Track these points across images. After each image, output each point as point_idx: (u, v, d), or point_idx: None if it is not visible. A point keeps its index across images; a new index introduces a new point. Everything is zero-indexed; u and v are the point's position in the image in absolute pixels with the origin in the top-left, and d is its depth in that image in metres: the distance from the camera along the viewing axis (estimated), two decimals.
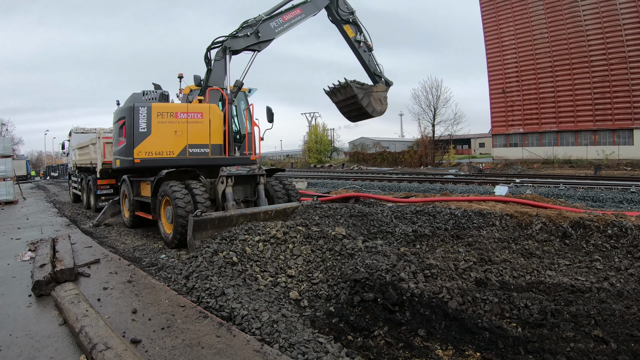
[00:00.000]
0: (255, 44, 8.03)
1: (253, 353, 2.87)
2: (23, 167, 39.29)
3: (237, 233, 5.57)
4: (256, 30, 7.93)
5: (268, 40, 8.08)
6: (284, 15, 8.25)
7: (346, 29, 9.18)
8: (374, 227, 6.69)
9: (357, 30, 9.25)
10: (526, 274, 4.63)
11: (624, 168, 28.23)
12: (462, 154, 55.53)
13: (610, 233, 5.52)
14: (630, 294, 3.87)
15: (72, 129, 15.52)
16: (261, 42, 8.05)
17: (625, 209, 10.37)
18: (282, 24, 8.18)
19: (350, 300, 4.06)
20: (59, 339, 3.22)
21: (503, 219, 6.76)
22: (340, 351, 3.04)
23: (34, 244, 6.59)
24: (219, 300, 3.86)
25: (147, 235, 8.10)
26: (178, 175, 7.11)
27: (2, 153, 14.38)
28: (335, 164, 51.79)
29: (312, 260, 5.08)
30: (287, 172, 28.65)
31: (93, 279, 4.76)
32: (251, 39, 7.96)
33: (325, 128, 59.48)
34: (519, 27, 37.30)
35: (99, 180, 11.40)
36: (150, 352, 2.93)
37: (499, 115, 39.71)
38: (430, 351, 3.18)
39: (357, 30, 9.26)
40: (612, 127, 33.13)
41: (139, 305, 3.81)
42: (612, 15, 31.97)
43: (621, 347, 2.98)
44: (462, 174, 25.84)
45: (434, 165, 38.90)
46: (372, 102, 9.27)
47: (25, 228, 8.83)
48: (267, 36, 8.05)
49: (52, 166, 51.70)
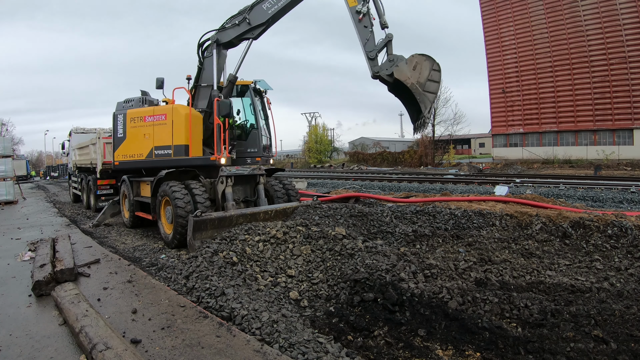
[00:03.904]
0: (247, 31, 7.32)
1: (253, 353, 2.87)
2: (23, 167, 39.31)
3: (237, 233, 5.57)
4: (244, 17, 7.24)
5: (261, 24, 7.24)
6: None
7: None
8: (374, 227, 6.69)
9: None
10: (526, 274, 4.63)
11: (624, 168, 28.23)
12: (462, 154, 55.52)
13: (610, 233, 5.52)
14: (630, 294, 3.88)
15: (72, 129, 15.52)
16: (253, 28, 7.27)
17: (625, 209, 10.36)
18: (275, 2, 7.14)
19: (350, 300, 4.06)
20: (59, 339, 3.22)
21: (503, 219, 6.76)
22: (340, 351, 3.03)
23: (34, 244, 6.59)
24: (219, 300, 3.86)
25: (147, 235, 8.10)
26: (178, 175, 7.11)
27: (2, 153, 14.38)
28: (335, 164, 51.77)
29: (312, 260, 5.08)
30: (287, 172, 28.65)
31: (93, 279, 4.76)
32: (241, 27, 7.32)
33: (325, 128, 59.52)
34: (519, 27, 37.30)
35: (99, 180, 11.41)
36: (150, 352, 2.93)
37: (499, 115, 39.70)
38: (430, 351, 3.18)
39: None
40: (612, 127, 33.13)
41: (139, 305, 3.81)
42: (612, 15, 31.97)
43: (621, 347, 2.98)
44: (462, 174, 25.82)
45: (434, 165, 38.89)
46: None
47: (25, 228, 8.82)
48: (259, 20, 7.21)
49: (52, 166, 51.67)
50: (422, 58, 6.40)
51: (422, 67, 6.38)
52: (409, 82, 6.35)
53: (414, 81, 6.35)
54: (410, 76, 6.37)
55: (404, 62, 6.40)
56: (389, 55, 6.53)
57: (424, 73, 6.39)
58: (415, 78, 6.37)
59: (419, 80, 6.37)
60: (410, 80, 6.35)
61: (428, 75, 6.40)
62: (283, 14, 7.32)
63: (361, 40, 6.69)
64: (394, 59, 6.46)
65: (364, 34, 6.70)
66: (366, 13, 6.66)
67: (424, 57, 6.40)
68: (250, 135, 8.12)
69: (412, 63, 6.38)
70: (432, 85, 6.40)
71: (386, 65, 6.51)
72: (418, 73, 6.39)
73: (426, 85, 6.38)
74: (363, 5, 6.69)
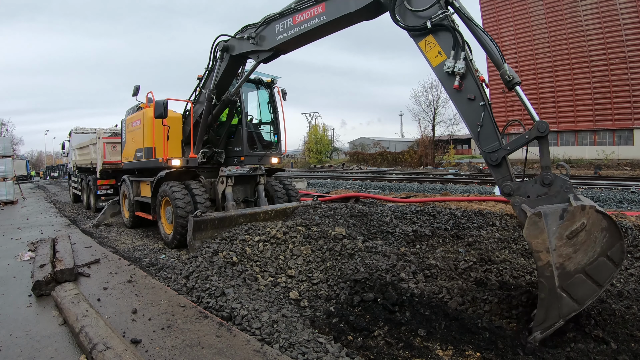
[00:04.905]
0: (253, 52, 6.00)
1: (253, 353, 2.87)
2: (23, 167, 39.33)
3: (237, 233, 5.57)
4: (258, 33, 5.80)
5: (267, 50, 5.79)
6: (296, 16, 5.24)
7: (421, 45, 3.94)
8: (374, 227, 6.69)
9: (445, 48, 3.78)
10: (526, 274, 4.62)
11: (624, 168, 28.24)
12: (462, 154, 55.47)
13: None
14: (630, 294, 3.87)
15: (72, 129, 15.52)
16: (260, 51, 5.88)
17: (625, 209, 10.36)
18: (289, 28, 5.35)
19: (350, 300, 4.06)
20: (59, 339, 3.22)
21: (503, 219, 6.76)
22: (340, 351, 3.03)
23: (34, 244, 6.60)
24: (219, 300, 3.86)
25: (147, 235, 8.10)
26: (178, 175, 7.11)
27: (2, 153, 14.38)
28: (335, 164, 51.77)
29: (312, 260, 5.08)
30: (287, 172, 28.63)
31: (93, 279, 4.76)
32: (248, 43, 5.96)
33: (325, 128, 59.51)
34: (519, 27, 37.33)
35: (99, 180, 11.43)
36: (150, 352, 2.93)
37: (499, 115, 39.64)
38: (430, 351, 3.18)
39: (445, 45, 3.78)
40: (612, 127, 33.17)
41: (139, 305, 3.81)
42: (612, 15, 32.00)
43: (621, 347, 2.99)
44: (462, 174, 25.82)
45: (434, 165, 38.89)
46: None
47: (25, 228, 8.82)
48: (266, 44, 5.75)
49: (52, 166, 51.68)
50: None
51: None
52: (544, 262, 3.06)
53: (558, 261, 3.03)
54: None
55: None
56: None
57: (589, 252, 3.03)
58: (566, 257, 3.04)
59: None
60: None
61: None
62: (297, 44, 5.67)
63: (468, 124, 3.73)
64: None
65: (471, 113, 3.68)
66: (465, 72, 3.63)
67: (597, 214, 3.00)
68: (238, 133, 7.61)
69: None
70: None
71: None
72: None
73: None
74: (456, 58, 3.64)
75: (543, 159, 3.37)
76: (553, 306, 3.05)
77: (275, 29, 5.55)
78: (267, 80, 8.02)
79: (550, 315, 3.06)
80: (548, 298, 3.06)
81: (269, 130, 8.04)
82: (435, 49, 3.82)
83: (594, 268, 3.01)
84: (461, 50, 3.64)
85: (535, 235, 3.07)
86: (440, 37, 3.78)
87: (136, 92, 7.53)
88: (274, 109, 8.01)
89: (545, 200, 3.26)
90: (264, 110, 8.16)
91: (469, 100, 3.68)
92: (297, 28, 5.24)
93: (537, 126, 3.34)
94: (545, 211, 3.06)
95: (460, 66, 3.61)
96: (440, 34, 3.78)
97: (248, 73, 6.52)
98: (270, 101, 8.04)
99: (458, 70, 3.62)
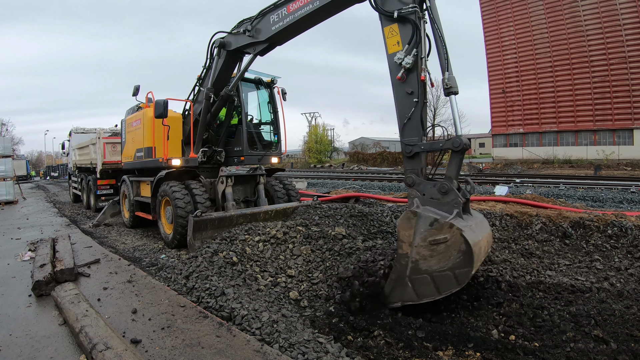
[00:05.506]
0: (250, 44, 6.05)
1: (253, 353, 2.87)
2: (23, 167, 39.32)
3: (237, 233, 5.57)
4: (254, 26, 5.88)
5: (263, 41, 5.85)
6: (290, 4, 5.29)
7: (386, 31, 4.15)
8: (374, 227, 6.69)
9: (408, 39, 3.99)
10: (526, 274, 4.63)
11: (624, 168, 28.23)
12: None
13: (610, 233, 5.52)
14: (630, 294, 3.88)
15: (72, 129, 15.52)
16: (256, 43, 5.97)
17: (625, 209, 10.36)
18: (283, 17, 5.43)
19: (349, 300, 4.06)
20: (59, 339, 3.22)
21: (503, 219, 6.75)
22: (340, 351, 3.04)
23: (34, 244, 6.59)
24: (219, 300, 3.86)
25: (147, 235, 8.10)
26: (178, 175, 7.11)
27: (2, 153, 14.37)
28: (335, 164, 51.76)
29: (312, 260, 5.08)
30: (287, 172, 28.63)
31: (93, 279, 4.76)
32: (244, 37, 6.03)
33: (325, 128, 59.51)
34: (519, 27, 37.30)
35: (99, 180, 11.43)
36: (150, 352, 2.93)
37: (499, 115, 39.71)
38: (430, 351, 3.18)
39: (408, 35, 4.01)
40: (612, 127, 33.15)
41: (139, 305, 3.81)
42: (612, 15, 31.98)
43: (621, 347, 2.98)
44: (462, 174, 25.82)
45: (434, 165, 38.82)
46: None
47: (25, 228, 8.82)
48: (262, 34, 5.81)
49: (52, 166, 51.66)
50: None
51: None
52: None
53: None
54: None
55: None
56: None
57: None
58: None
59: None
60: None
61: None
62: (292, 34, 5.74)
63: (398, 114, 4.10)
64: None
65: (404, 105, 4.01)
66: (412, 67, 3.89)
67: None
68: (238, 133, 7.57)
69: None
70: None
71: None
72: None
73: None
74: (408, 52, 3.89)
75: (449, 169, 3.77)
76: (398, 289, 3.70)
77: (270, 20, 5.66)
78: (267, 80, 8.02)
79: (394, 294, 3.72)
80: (396, 281, 3.70)
81: (269, 130, 8.04)
82: (395, 38, 4.06)
83: (441, 277, 3.44)
84: (415, 47, 3.89)
85: (405, 228, 3.60)
86: (403, 29, 4.01)
87: (136, 92, 7.52)
88: (274, 109, 8.01)
89: (435, 205, 3.65)
90: (264, 110, 8.15)
91: (407, 93, 3.98)
92: (291, 16, 5.32)
93: (452, 140, 3.71)
94: (420, 213, 3.53)
95: (408, 61, 3.88)
96: (404, 26, 4.00)
97: (246, 66, 6.64)
98: (270, 101, 8.04)
99: (405, 64, 3.89)
